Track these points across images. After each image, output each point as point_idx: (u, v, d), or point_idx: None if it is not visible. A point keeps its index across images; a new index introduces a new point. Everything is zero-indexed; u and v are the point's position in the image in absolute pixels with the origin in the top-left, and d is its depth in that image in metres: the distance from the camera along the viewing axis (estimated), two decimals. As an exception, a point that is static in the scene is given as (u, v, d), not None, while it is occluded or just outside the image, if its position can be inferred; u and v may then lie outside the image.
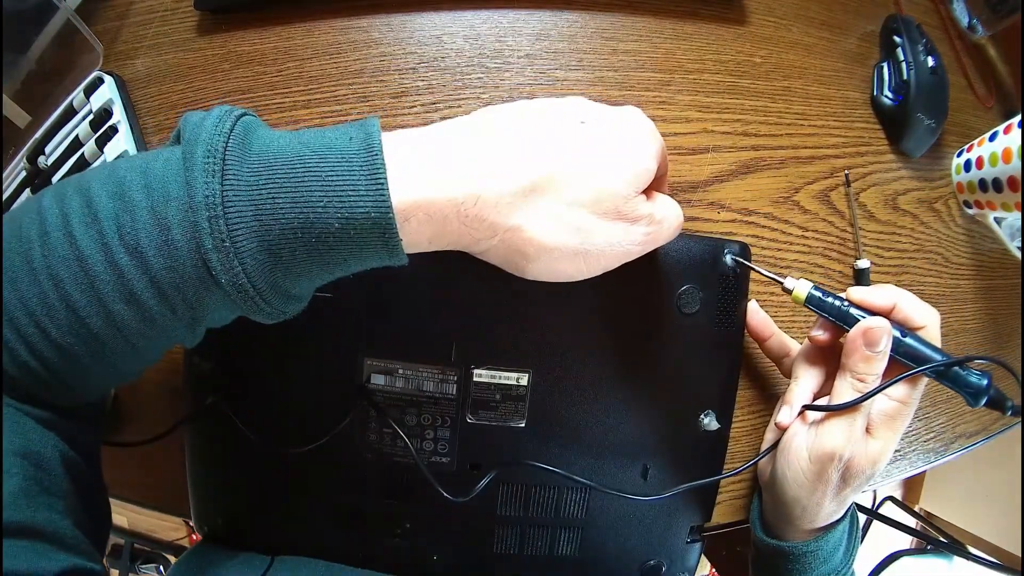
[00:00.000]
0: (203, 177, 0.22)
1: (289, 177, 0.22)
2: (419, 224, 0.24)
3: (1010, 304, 0.54)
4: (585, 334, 0.36)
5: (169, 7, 0.45)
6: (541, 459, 0.36)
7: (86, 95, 0.43)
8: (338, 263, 0.24)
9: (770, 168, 0.45)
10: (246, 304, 0.23)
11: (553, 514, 0.38)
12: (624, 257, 0.28)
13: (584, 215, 0.26)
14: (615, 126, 0.27)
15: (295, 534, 0.39)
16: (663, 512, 0.39)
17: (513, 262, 0.27)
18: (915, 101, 0.45)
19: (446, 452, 0.37)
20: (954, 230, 0.51)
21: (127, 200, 0.22)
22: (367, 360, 0.35)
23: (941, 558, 1.10)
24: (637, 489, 0.38)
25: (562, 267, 0.27)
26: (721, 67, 0.45)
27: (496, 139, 0.26)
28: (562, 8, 0.44)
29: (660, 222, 0.28)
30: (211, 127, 0.23)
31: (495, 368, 0.36)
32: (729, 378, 0.39)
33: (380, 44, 0.43)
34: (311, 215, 0.22)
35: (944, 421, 0.50)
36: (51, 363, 0.23)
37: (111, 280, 0.22)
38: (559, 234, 0.26)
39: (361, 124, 0.24)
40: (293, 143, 0.23)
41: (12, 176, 0.45)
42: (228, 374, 0.36)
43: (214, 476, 0.39)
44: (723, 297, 0.37)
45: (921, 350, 0.32)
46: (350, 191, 0.22)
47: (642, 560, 0.40)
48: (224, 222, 0.21)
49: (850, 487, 0.33)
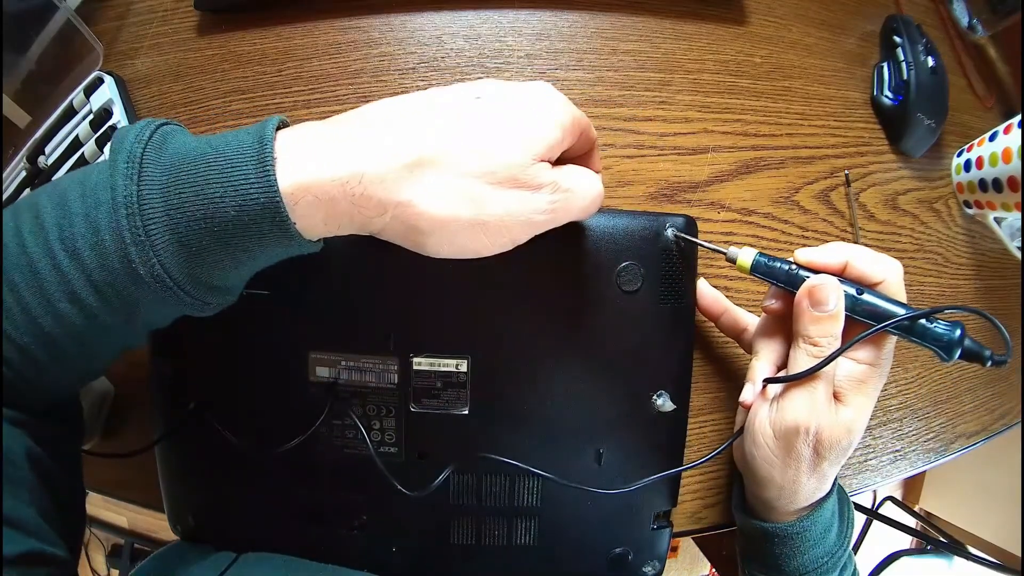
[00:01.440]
0: (123, 181, 0.24)
1: (192, 174, 0.24)
2: (308, 207, 0.25)
3: (1010, 304, 0.54)
4: (523, 316, 0.36)
5: (169, 7, 0.45)
6: (489, 446, 0.36)
7: (86, 95, 0.43)
8: (244, 250, 0.25)
9: (770, 168, 0.45)
10: (168, 295, 0.25)
11: (508, 503, 0.38)
12: (530, 227, 0.27)
13: (476, 184, 0.26)
14: (513, 98, 0.27)
15: (259, 531, 0.39)
16: (623, 500, 0.38)
17: (411, 239, 0.27)
18: (915, 101, 0.45)
19: (393, 442, 0.37)
20: (954, 230, 0.51)
21: (66, 208, 0.24)
22: (311, 354, 0.36)
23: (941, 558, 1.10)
24: (592, 474, 0.37)
25: (462, 240, 0.27)
26: (721, 67, 0.45)
27: (384, 121, 0.26)
28: (562, 8, 0.44)
29: (568, 190, 0.28)
30: (132, 137, 0.25)
31: (434, 356, 0.36)
32: (682, 357, 0.38)
33: (380, 44, 0.43)
34: (210, 206, 0.24)
35: (944, 421, 0.50)
36: (13, 363, 0.25)
37: (55, 281, 0.24)
38: (451, 206, 0.26)
39: (262, 123, 0.26)
40: (201, 144, 0.25)
41: (12, 176, 0.45)
42: (193, 377, 0.36)
43: (181, 476, 0.40)
44: (668, 273, 0.36)
45: (881, 306, 0.30)
46: (242, 180, 0.24)
47: (607, 549, 0.39)
48: (140, 219, 0.24)
49: (826, 460, 0.32)
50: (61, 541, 0.26)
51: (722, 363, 0.43)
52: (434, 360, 0.36)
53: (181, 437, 0.38)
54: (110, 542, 1.29)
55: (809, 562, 0.35)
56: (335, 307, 0.35)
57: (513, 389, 0.37)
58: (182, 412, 0.37)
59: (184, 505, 0.40)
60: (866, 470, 0.47)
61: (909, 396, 0.48)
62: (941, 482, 1.37)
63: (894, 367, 0.47)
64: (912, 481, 1.42)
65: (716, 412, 0.43)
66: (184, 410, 0.36)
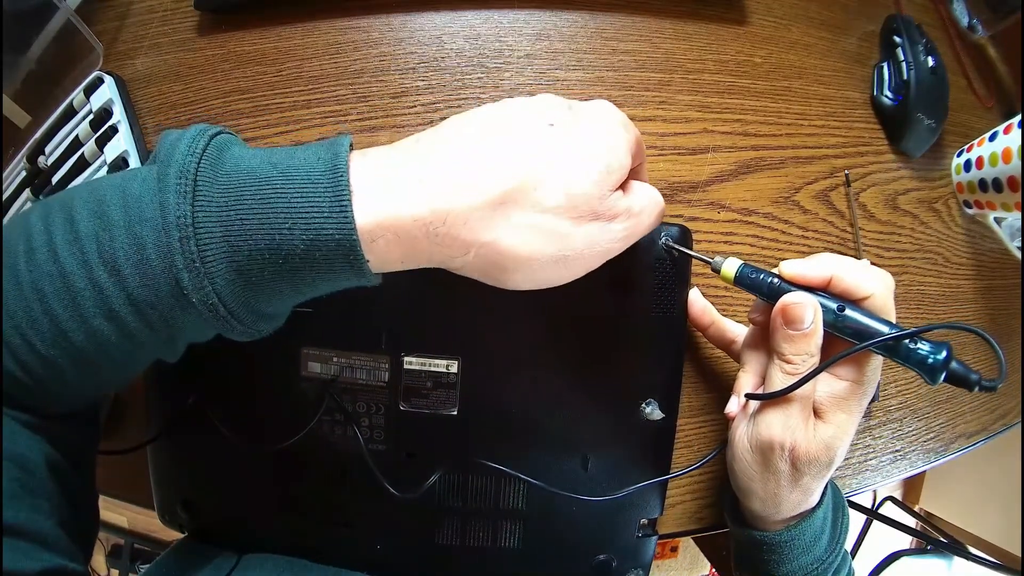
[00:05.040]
0: (175, 198, 0.22)
1: (257, 199, 0.22)
2: (387, 244, 0.24)
3: (1010, 304, 0.54)
4: (514, 321, 0.36)
5: (169, 7, 0.45)
6: (476, 448, 0.36)
7: (86, 95, 0.43)
8: (307, 284, 0.24)
9: (770, 168, 0.45)
10: (218, 323, 0.24)
11: (493, 504, 0.38)
12: (606, 256, 0.28)
13: (560, 221, 0.25)
14: (584, 124, 0.27)
15: (247, 524, 0.39)
16: (609, 507, 0.38)
17: (492, 276, 0.27)
18: (915, 101, 0.45)
19: (382, 440, 0.37)
20: (954, 230, 0.51)
21: (106, 219, 0.22)
22: (303, 349, 0.36)
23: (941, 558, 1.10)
24: (578, 480, 0.37)
25: (543, 275, 0.27)
26: (721, 67, 0.45)
27: (462, 151, 0.25)
28: (562, 8, 0.44)
29: (639, 214, 0.28)
30: (185, 148, 0.23)
31: (425, 355, 0.36)
32: (673, 367, 0.38)
33: (380, 44, 0.43)
34: (277, 237, 0.22)
35: (944, 421, 0.50)
36: (36, 373, 0.24)
37: (91, 296, 0.22)
38: (536, 244, 0.25)
39: (331, 143, 0.24)
40: (264, 163, 0.23)
41: (12, 176, 0.45)
42: (188, 371, 0.36)
43: (171, 468, 0.40)
44: (661, 282, 0.36)
45: (864, 323, 0.29)
46: (315, 213, 0.22)
47: (591, 555, 0.39)
48: (195, 243, 0.22)
49: (807, 475, 0.31)
50: (80, 552, 0.25)
51: (721, 362, 0.43)
52: (425, 360, 0.36)
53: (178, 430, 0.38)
54: (110, 542, 1.28)
55: (798, 568, 0.35)
56: (329, 304, 0.35)
57: (502, 392, 0.37)
58: (181, 404, 0.37)
59: (173, 496, 0.40)
60: (866, 470, 0.47)
61: (909, 396, 0.48)
62: (941, 482, 1.37)
63: (894, 367, 0.47)
64: (912, 481, 1.42)
65: (716, 412, 0.43)
66: (183, 403, 0.37)
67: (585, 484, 0.37)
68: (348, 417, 0.36)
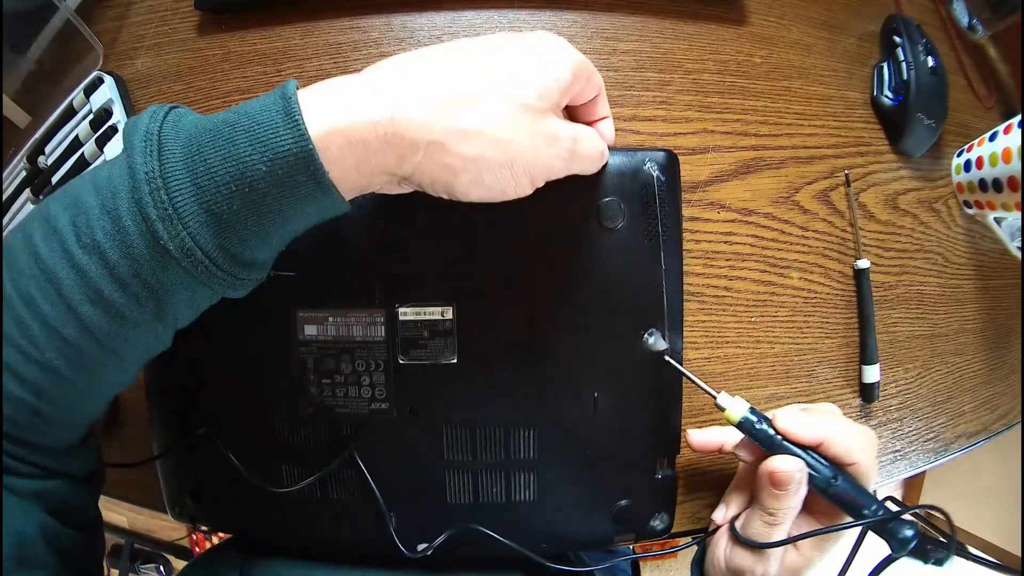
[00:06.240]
0: (142, 159, 0.23)
1: (217, 138, 0.24)
2: (340, 151, 0.24)
3: (1010, 304, 0.54)
4: (505, 260, 0.35)
5: (169, 7, 0.45)
6: (480, 395, 0.36)
7: (86, 95, 0.43)
8: (277, 212, 0.25)
9: (770, 168, 0.45)
10: (199, 272, 0.24)
11: (503, 455, 0.37)
12: (548, 170, 0.29)
13: (504, 127, 0.27)
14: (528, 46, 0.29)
15: (257, 507, 0.39)
16: (620, 448, 0.37)
17: (442, 179, 0.27)
18: (915, 101, 0.45)
19: (384, 398, 0.36)
20: (954, 230, 0.51)
21: (81, 206, 0.24)
22: (299, 312, 0.36)
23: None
24: (587, 423, 0.37)
25: (490, 179, 0.28)
26: (721, 67, 0.45)
27: (411, 66, 0.27)
28: (562, 8, 0.44)
29: (582, 142, 0.30)
30: (146, 118, 0.25)
31: (418, 304, 0.36)
32: (672, 292, 0.37)
33: (380, 44, 0.43)
34: (239, 165, 0.23)
35: (944, 421, 0.50)
36: (36, 385, 0.25)
37: (76, 283, 0.23)
38: (481, 144, 0.26)
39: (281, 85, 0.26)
40: (220, 115, 0.25)
41: (12, 176, 0.45)
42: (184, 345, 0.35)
43: (180, 459, 0.40)
44: (651, 209, 0.35)
45: (852, 497, 0.32)
46: (270, 133, 0.23)
47: (610, 502, 0.38)
48: (165, 192, 0.23)
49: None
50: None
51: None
52: (419, 309, 0.36)
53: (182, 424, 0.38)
54: (110, 542, 1.29)
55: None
56: (322, 261, 0.35)
57: (500, 334, 0.36)
58: (188, 427, 0.37)
59: (183, 487, 0.40)
60: (866, 470, 0.47)
61: (909, 396, 0.48)
62: (941, 482, 1.37)
63: (895, 367, 0.47)
64: (912, 481, 1.42)
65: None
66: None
67: (595, 427, 0.36)
68: (339, 376, 0.36)
